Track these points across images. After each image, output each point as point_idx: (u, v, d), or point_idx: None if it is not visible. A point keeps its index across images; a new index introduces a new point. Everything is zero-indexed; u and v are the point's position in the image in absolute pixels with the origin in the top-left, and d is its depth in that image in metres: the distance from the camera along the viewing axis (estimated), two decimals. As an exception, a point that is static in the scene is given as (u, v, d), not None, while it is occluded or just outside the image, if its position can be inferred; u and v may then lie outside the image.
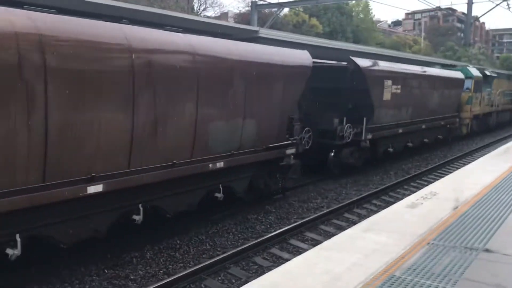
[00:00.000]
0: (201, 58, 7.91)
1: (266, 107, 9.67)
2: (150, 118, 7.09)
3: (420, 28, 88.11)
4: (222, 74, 8.50)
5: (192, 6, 40.67)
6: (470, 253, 4.95)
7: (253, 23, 30.27)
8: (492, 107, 25.45)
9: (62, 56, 5.79)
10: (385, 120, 14.70)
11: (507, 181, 8.71)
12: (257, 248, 8.15)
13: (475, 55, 44.11)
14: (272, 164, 10.33)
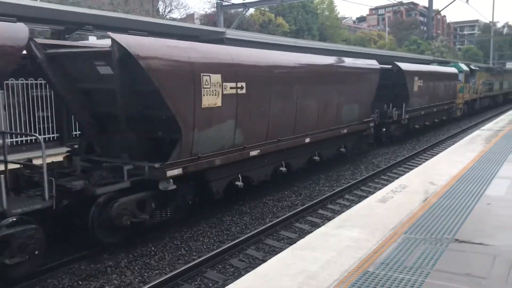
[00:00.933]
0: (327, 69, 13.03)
1: (363, 96, 14.91)
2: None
3: (384, 23, 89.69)
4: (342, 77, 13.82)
5: (157, 9, 40.28)
6: (441, 244, 5.07)
7: (219, 24, 30.21)
8: (476, 94, 31.72)
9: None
10: (415, 105, 20.04)
11: (473, 170, 8.96)
12: (233, 250, 8.13)
13: (438, 47, 45.16)
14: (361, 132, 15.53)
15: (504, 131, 15.43)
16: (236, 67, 9.23)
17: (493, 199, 6.90)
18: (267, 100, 10.29)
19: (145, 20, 13.75)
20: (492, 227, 5.64)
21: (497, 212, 6.26)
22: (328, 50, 19.29)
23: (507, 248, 4.92)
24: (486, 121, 24.76)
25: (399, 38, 73.47)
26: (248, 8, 34.89)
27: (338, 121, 13.45)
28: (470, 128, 24.92)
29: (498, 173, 8.70)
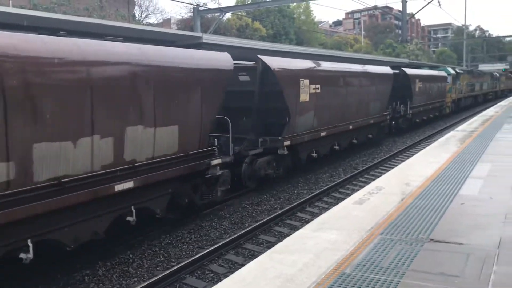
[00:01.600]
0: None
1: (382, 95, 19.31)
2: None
3: (360, 27, 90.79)
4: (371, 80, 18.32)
5: (133, 14, 39.98)
6: (416, 244, 5.15)
7: (196, 29, 30.15)
8: (461, 94, 36.16)
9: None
10: (416, 103, 24.13)
11: (447, 171, 9.13)
12: (213, 255, 8.12)
13: (412, 50, 45.91)
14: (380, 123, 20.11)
15: (477, 132, 15.76)
16: (316, 74, 13.96)
17: (467, 198, 7.04)
18: (330, 97, 14.63)
19: (121, 26, 13.62)
20: (465, 226, 5.76)
21: (470, 211, 6.39)
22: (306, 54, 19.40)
23: (479, 247, 5.03)
24: (470, 117, 27.04)
25: (375, 41, 74.47)
26: (224, 13, 34.92)
27: (367, 114, 17.97)
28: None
29: (472, 173, 8.88)
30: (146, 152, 8.05)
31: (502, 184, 8.01)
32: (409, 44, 48.58)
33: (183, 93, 8.86)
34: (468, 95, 38.70)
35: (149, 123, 8.02)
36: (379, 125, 19.71)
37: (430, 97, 26.90)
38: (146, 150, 8.04)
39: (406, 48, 43.82)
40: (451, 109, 32.85)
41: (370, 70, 18.28)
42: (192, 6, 33.95)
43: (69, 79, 6.69)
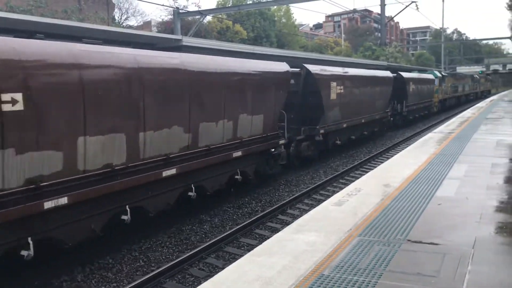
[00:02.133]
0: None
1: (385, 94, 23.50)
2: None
3: (340, 30, 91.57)
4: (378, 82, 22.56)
5: (112, 16, 39.64)
6: (394, 245, 5.22)
7: (176, 31, 30.01)
8: (447, 94, 40.48)
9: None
10: (410, 102, 28.18)
11: (425, 172, 9.27)
12: (193, 259, 8.09)
13: (392, 53, 46.48)
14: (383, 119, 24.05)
15: (454, 133, 16.03)
16: (341, 77, 17.57)
17: (444, 199, 7.16)
18: (350, 96, 18.34)
19: (100, 28, 13.48)
20: (442, 226, 5.85)
21: (447, 212, 6.50)
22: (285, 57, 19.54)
23: (455, 247, 5.12)
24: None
25: (354, 44, 75.18)
26: (205, 16, 34.87)
27: (374, 110, 21.73)
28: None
29: (449, 174, 9.03)
30: (247, 132, 11.60)
31: (478, 184, 8.17)
32: (388, 47, 49.19)
33: (265, 91, 12.35)
34: (452, 96, 43.27)
35: (249, 113, 11.56)
36: (382, 120, 23.75)
37: (421, 97, 31.17)
38: (247, 131, 11.58)
39: (385, 51, 44.36)
40: (438, 108, 37.41)
41: (377, 74, 22.71)
42: (172, 9, 33.80)
43: (217, 83, 10.28)
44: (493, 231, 5.69)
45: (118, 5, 45.80)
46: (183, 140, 9.28)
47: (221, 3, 55.97)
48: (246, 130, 11.46)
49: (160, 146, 8.63)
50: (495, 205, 6.85)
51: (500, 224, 5.96)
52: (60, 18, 25.85)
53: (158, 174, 8.56)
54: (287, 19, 65.11)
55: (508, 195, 7.52)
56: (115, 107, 7.62)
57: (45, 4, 29.58)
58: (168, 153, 8.84)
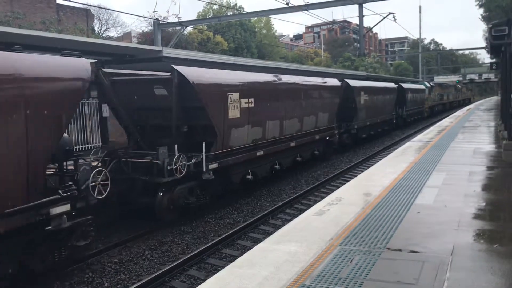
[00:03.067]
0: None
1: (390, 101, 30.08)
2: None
3: (320, 41, 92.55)
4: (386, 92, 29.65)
5: (92, 27, 39.40)
6: (374, 253, 5.27)
7: (156, 42, 30.00)
8: (434, 102, 47.22)
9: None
10: (408, 108, 34.72)
11: (404, 181, 9.39)
12: (174, 271, 8.02)
13: (371, 64, 47.15)
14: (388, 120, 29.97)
15: (432, 142, 16.29)
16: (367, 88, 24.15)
17: (422, 207, 7.27)
18: (370, 102, 24.07)
19: (79, 40, 13.41)
20: (421, 234, 5.93)
21: (425, 220, 6.60)
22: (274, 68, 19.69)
23: (434, 254, 5.20)
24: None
25: (334, 54, 76.02)
26: (185, 27, 34.91)
27: (384, 113, 27.54)
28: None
29: (427, 183, 9.17)
30: (322, 124, 17.88)
31: (455, 192, 8.31)
32: (367, 57, 49.92)
33: (329, 97, 18.57)
34: (439, 103, 50.97)
35: (323, 111, 17.77)
36: (389, 121, 29.07)
37: (416, 104, 38.24)
38: (321, 123, 17.82)
39: (364, 61, 45.01)
40: (428, 113, 44.10)
41: (387, 86, 29.27)
42: (152, 20, 33.76)
43: (294, 91, 15.84)
44: (471, 238, 5.79)
45: (97, 16, 45.55)
46: (297, 126, 15.71)
47: (201, 14, 56.16)
48: (321, 122, 17.72)
49: (289, 128, 14.96)
50: (473, 213, 6.98)
51: (478, 231, 6.08)
52: (38, 29, 25.60)
53: (287, 145, 14.98)
54: (268, 30, 65.64)
55: (485, 202, 7.67)
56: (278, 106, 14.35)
57: (23, 15, 29.27)
58: (292, 133, 15.21)
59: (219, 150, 11.36)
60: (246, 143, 12.58)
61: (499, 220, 6.80)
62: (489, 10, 33.27)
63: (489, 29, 13.71)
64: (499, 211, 7.26)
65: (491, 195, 8.31)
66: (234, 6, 55.89)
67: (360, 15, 32.28)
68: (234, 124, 11.91)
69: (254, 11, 37.96)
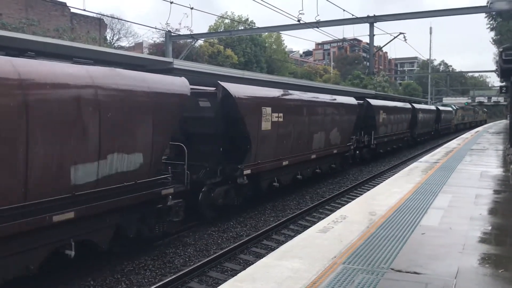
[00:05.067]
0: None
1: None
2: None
3: (330, 58, 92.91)
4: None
5: (104, 37, 39.86)
6: (377, 274, 5.23)
7: (168, 54, 30.27)
8: (458, 121, 59.03)
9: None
10: (443, 124, 47.71)
11: (409, 201, 9.34)
12: (176, 283, 7.99)
13: (379, 82, 47.23)
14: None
15: (439, 163, 16.22)
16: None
17: (427, 229, 7.21)
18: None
19: (91, 49, 13.54)
20: (425, 256, 5.88)
21: (430, 241, 6.54)
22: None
23: (437, 277, 5.15)
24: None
25: (343, 72, 76.23)
26: (196, 39, 35.22)
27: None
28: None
29: (433, 204, 9.11)
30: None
31: (461, 214, 8.24)
32: (376, 76, 50.05)
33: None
34: (461, 122, 62.56)
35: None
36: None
37: (446, 122, 49.86)
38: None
39: (373, 80, 45.11)
40: (454, 129, 55.29)
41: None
42: (164, 32, 34.11)
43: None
44: (476, 262, 5.73)
45: (110, 25, 46.11)
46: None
47: (213, 28, 56.65)
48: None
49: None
50: (478, 236, 6.92)
51: (483, 255, 6.01)
52: (51, 36, 25.94)
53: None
54: (278, 45, 66.01)
55: (491, 226, 7.60)
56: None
57: (37, 22, 29.69)
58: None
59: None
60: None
61: (505, 244, 6.73)
62: (500, 33, 33.33)
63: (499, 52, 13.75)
64: (505, 236, 7.19)
65: (498, 219, 8.24)
66: (245, 20, 56.37)
67: (370, 34, 32.44)
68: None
69: (265, 26, 38.24)
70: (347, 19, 30.90)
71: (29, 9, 30.76)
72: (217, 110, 11.89)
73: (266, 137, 13.02)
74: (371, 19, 31.98)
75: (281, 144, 14.01)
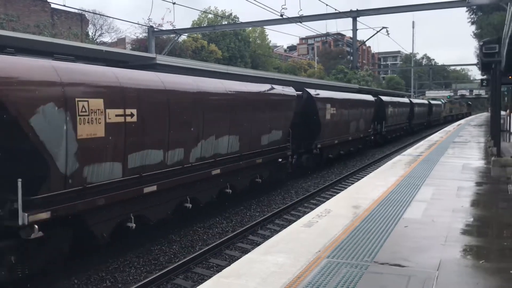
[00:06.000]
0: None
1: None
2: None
3: (314, 53, 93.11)
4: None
5: (86, 32, 39.34)
6: (361, 266, 5.27)
7: (150, 49, 30.00)
8: (446, 114, 65.32)
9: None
10: (434, 117, 55.55)
11: (393, 194, 9.43)
12: (161, 280, 7.95)
13: (363, 76, 47.50)
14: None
15: (422, 156, 16.40)
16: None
17: (410, 221, 7.29)
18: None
19: (73, 45, 13.36)
20: (408, 249, 5.95)
21: (413, 234, 6.62)
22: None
23: (420, 269, 5.21)
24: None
25: (327, 67, 76.49)
26: (180, 35, 34.98)
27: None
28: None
29: (416, 197, 9.21)
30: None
31: (444, 207, 8.35)
32: (360, 70, 50.36)
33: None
34: (449, 115, 68.55)
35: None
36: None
37: (436, 115, 55.97)
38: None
39: (356, 74, 45.35)
40: (443, 121, 61.16)
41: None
42: (147, 27, 33.81)
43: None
44: (458, 254, 5.81)
45: (92, 21, 45.53)
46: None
47: (196, 23, 56.31)
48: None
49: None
50: (461, 228, 7.02)
51: (465, 247, 6.11)
52: (32, 32, 25.51)
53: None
54: (262, 40, 65.93)
55: (473, 218, 7.71)
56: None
57: (17, 18, 29.18)
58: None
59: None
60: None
61: (486, 236, 6.84)
62: (481, 27, 33.73)
63: (480, 46, 13.91)
64: (486, 227, 7.31)
65: (479, 211, 8.37)
66: (229, 15, 56.14)
67: (354, 28, 32.53)
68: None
69: (249, 21, 38.06)
70: (330, 13, 30.93)
71: (8, 5, 30.20)
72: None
73: (328, 123, 19.21)
74: (354, 13, 32.07)
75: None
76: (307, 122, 18.02)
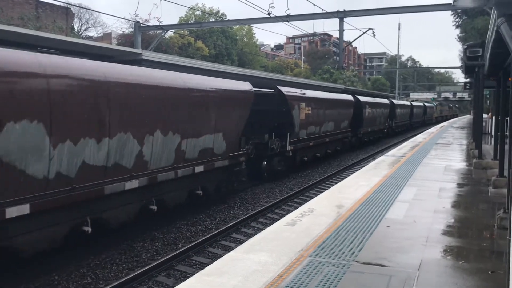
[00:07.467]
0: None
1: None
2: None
3: (300, 52, 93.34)
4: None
5: (72, 26, 38.86)
6: (343, 266, 5.31)
7: (137, 45, 29.78)
8: (437, 114, 73.45)
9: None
10: (428, 116, 66.27)
11: (376, 194, 9.51)
12: (143, 277, 7.90)
13: (349, 77, 47.79)
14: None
15: (405, 157, 16.56)
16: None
17: (393, 221, 7.36)
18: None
19: (57, 38, 13.17)
20: (389, 249, 6.00)
21: (395, 234, 6.68)
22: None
23: (401, 269, 5.27)
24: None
25: (313, 66, 76.75)
26: (166, 31, 34.76)
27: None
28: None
29: (398, 197, 9.30)
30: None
31: (425, 208, 8.45)
32: (346, 70, 50.65)
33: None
34: (440, 116, 76.05)
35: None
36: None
37: (430, 115, 64.87)
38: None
39: (342, 75, 45.62)
40: (435, 121, 67.71)
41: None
42: (133, 22, 33.53)
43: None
44: (438, 254, 5.89)
45: (78, 15, 44.99)
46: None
47: (183, 19, 56.03)
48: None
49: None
50: (442, 229, 7.11)
51: (445, 247, 6.19)
52: (15, 25, 25.13)
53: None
54: (249, 38, 65.86)
55: (454, 219, 7.82)
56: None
57: (0, 10, 28.70)
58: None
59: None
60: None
61: (467, 237, 6.94)
62: (465, 31, 34.17)
63: (464, 50, 14.08)
64: (466, 228, 7.41)
65: (460, 212, 8.49)
66: (216, 13, 55.96)
67: (340, 29, 32.73)
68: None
69: (236, 19, 38.02)
70: (317, 13, 31.06)
71: (-9, -4, 29.70)
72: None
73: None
74: (341, 14, 32.26)
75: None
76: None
